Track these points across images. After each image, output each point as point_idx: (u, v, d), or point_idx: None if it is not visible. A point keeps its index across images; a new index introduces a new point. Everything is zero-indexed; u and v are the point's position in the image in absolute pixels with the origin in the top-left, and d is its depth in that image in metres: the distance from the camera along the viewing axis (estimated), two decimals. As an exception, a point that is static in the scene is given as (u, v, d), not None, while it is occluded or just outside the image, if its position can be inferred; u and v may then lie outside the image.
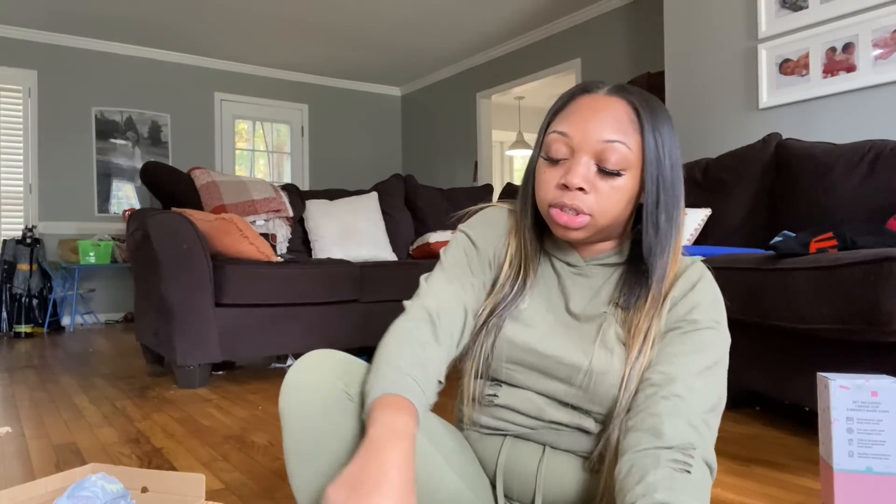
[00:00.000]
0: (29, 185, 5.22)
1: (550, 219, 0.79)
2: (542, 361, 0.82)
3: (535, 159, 0.83)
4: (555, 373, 0.82)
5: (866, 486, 0.99)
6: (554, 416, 0.83)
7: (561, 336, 0.83)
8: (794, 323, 1.55)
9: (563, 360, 0.81)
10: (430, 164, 6.72)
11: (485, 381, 0.86)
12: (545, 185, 0.80)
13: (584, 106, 0.79)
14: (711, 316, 0.80)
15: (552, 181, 0.79)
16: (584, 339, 0.82)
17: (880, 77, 2.63)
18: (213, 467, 1.52)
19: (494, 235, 0.89)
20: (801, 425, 1.83)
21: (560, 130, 0.79)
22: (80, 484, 0.99)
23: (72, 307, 5.12)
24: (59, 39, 5.30)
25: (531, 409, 0.84)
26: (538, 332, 0.83)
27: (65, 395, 2.43)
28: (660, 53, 4.34)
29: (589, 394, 0.80)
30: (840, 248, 1.58)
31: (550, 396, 0.83)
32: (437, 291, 0.83)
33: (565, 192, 0.77)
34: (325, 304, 2.84)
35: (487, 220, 0.90)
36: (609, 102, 0.79)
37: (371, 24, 5.18)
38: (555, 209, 0.78)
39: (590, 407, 0.81)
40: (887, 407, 0.99)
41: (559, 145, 0.78)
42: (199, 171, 3.30)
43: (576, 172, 0.76)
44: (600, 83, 0.82)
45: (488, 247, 0.88)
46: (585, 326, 0.83)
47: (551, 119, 0.82)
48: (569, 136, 0.78)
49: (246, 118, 6.30)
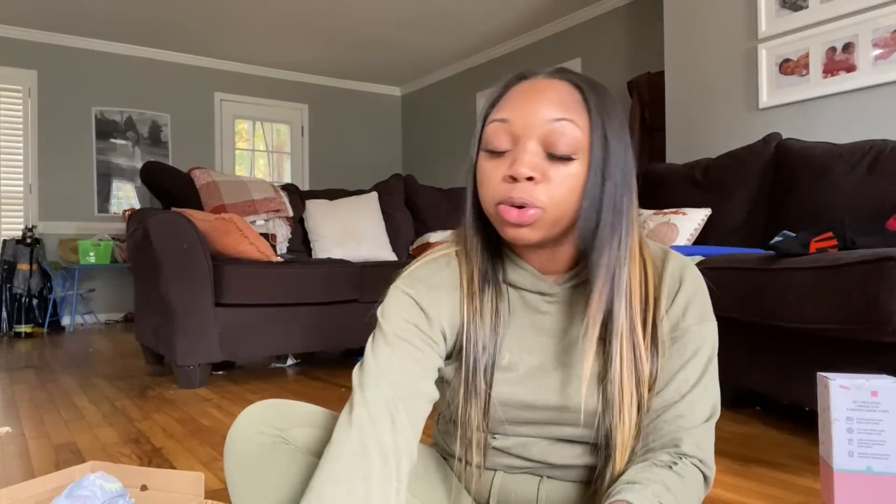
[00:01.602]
0: (29, 185, 5.22)
1: (499, 219, 0.70)
2: (544, 414, 0.77)
3: (474, 159, 0.73)
4: (560, 420, 0.77)
5: (866, 486, 0.99)
6: (559, 459, 0.79)
7: (557, 380, 0.76)
8: (794, 323, 1.55)
9: (568, 407, 0.75)
10: (430, 164, 6.72)
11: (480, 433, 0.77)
12: (489, 182, 0.70)
13: (523, 91, 0.71)
14: (701, 312, 0.76)
15: (497, 176, 0.69)
16: (553, 359, 0.77)
17: (880, 77, 2.63)
18: (213, 467, 1.52)
19: (447, 297, 0.76)
20: (801, 425, 1.82)
21: (500, 118, 0.70)
22: (79, 483, 0.99)
23: (72, 307, 5.12)
24: (59, 39, 5.30)
25: (535, 454, 0.79)
26: (531, 385, 0.76)
27: (65, 395, 2.43)
28: (660, 53, 4.34)
29: (601, 429, 0.75)
30: (840, 248, 1.58)
31: (558, 438, 0.79)
32: (392, 377, 0.70)
33: (514, 184, 0.68)
34: (325, 304, 2.84)
35: (433, 280, 0.76)
36: (550, 84, 0.71)
37: (371, 24, 5.18)
38: (503, 206, 0.68)
39: (600, 439, 0.76)
40: (887, 407, 0.99)
41: (500, 135, 0.70)
42: (199, 171, 3.30)
43: (522, 161, 0.67)
44: (537, 69, 0.75)
45: (441, 314, 0.75)
46: (577, 358, 0.76)
47: (489, 111, 0.73)
48: (510, 121, 0.69)
49: (246, 118, 6.30)
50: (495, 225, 0.72)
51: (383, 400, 0.68)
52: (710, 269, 1.80)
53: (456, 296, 0.76)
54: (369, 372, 0.71)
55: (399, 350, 0.72)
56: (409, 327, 0.73)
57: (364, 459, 0.64)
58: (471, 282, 0.76)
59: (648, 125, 4.16)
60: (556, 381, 0.76)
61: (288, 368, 3.02)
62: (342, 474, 0.63)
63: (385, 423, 0.67)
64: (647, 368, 0.73)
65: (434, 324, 0.74)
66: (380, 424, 0.67)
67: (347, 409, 0.69)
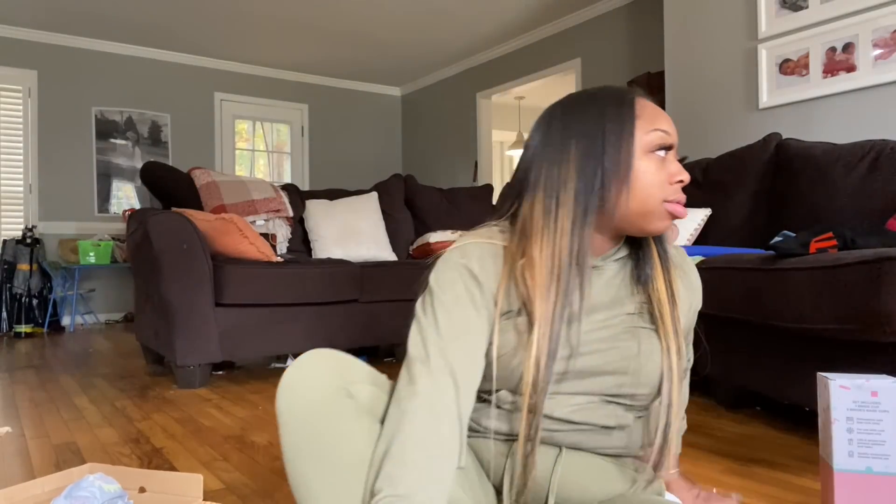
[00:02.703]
0: (29, 185, 5.22)
1: (663, 213, 0.81)
2: (591, 363, 0.82)
3: (622, 163, 0.80)
4: (604, 368, 0.82)
5: (866, 486, 0.99)
6: (590, 418, 0.83)
7: (603, 332, 0.83)
8: (794, 323, 1.54)
9: (613, 354, 0.83)
10: (430, 164, 6.72)
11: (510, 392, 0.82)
12: (656, 182, 0.80)
13: (655, 109, 0.83)
14: (700, 305, 0.95)
15: (661, 178, 0.80)
16: (620, 328, 0.84)
17: (880, 77, 2.63)
18: (213, 467, 1.52)
19: (494, 269, 0.81)
20: (801, 425, 1.82)
21: (663, 129, 0.81)
22: (78, 484, 0.99)
23: (72, 307, 5.12)
24: (59, 39, 5.30)
25: (567, 413, 0.82)
26: (601, 353, 0.83)
27: (65, 395, 2.43)
28: (660, 53, 4.34)
29: (640, 376, 0.83)
30: (840, 248, 1.57)
31: (596, 394, 0.83)
32: (452, 345, 0.76)
33: (678, 186, 0.81)
34: (325, 304, 2.84)
35: (483, 252, 0.82)
36: None
37: (371, 24, 5.18)
38: (671, 204, 0.80)
39: (636, 391, 0.83)
40: (887, 407, 0.99)
41: (661, 143, 0.81)
42: (199, 171, 3.30)
43: (683, 169, 0.81)
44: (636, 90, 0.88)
45: (491, 283, 0.81)
46: (616, 316, 0.85)
47: (629, 116, 0.81)
48: (668, 133, 0.81)
49: (246, 118, 6.30)
50: (646, 218, 0.81)
51: (448, 369, 0.74)
52: (710, 269, 1.80)
53: (502, 267, 0.82)
54: (430, 341, 0.76)
55: (456, 318, 0.77)
56: (465, 295, 0.78)
57: (436, 429, 0.71)
58: (559, 259, 0.80)
59: (648, 125, 4.16)
60: (604, 332, 0.83)
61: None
62: (418, 444, 0.70)
63: (451, 392, 0.73)
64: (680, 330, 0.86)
65: (486, 292, 0.80)
66: (447, 394, 0.73)
67: (410, 379, 0.74)
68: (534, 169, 0.83)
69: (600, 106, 0.82)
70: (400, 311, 3.06)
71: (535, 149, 0.84)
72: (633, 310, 0.85)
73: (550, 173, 0.81)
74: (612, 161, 0.79)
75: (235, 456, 1.61)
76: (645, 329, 0.84)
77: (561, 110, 0.84)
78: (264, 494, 1.33)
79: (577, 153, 0.80)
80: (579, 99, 0.84)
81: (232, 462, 1.56)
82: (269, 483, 1.40)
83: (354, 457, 0.73)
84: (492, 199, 4.13)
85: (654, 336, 0.84)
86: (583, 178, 0.80)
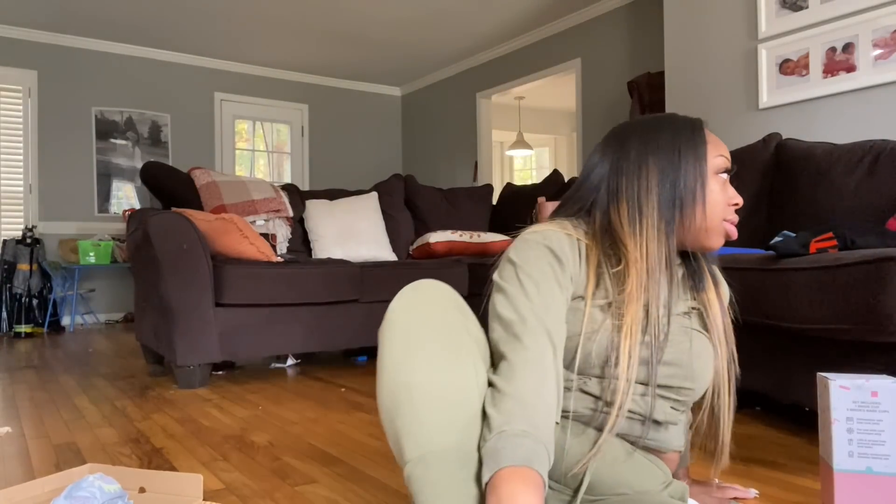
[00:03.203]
0: (29, 185, 5.22)
1: (720, 231, 0.92)
2: (670, 370, 0.91)
3: (698, 180, 0.90)
4: (678, 378, 0.91)
5: (866, 486, 0.99)
6: (643, 408, 0.88)
7: (688, 343, 0.93)
8: (794, 323, 1.54)
9: (668, 346, 0.90)
10: (430, 164, 6.72)
11: (571, 372, 0.88)
12: (719, 203, 0.92)
13: (715, 137, 0.95)
14: None
15: (723, 199, 0.92)
16: (674, 325, 0.92)
17: (880, 77, 2.63)
18: (213, 467, 1.52)
19: (573, 258, 0.89)
20: (801, 425, 1.82)
21: (725, 155, 0.93)
22: (78, 484, 0.99)
23: (72, 307, 5.12)
24: (59, 39, 5.30)
25: (610, 392, 0.88)
26: (672, 347, 0.92)
27: (65, 395, 2.43)
28: (660, 53, 4.34)
29: (690, 370, 0.91)
30: (840, 248, 1.57)
31: (650, 384, 0.88)
32: (544, 311, 0.82)
33: (733, 208, 0.93)
34: (325, 304, 2.84)
35: (562, 241, 0.89)
36: None
37: (371, 24, 5.18)
38: (727, 223, 0.92)
39: (684, 384, 0.91)
40: (887, 407, 0.99)
41: (724, 167, 0.93)
42: (199, 171, 3.30)
43: (736, 192, 0.93)
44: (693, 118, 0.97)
45: (569, 263, 0.88)
46: (671, 314, 0.92)
47: (701, 142, 0.92)
48: (728, 159, 0.93)
49: (246, 118, 6.30)
50: (709, 235, 0.92)
51: (545, 332, 0.81)
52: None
53: (578, 255, 0.90)
54: (523, 306, 0.82)
55: (544, 289, 0.84)
56: (549, 270, 0.86)
57: (543, 382, 0.78)
58: (650, 261, 0.89)
59: (648, 125, 4.15)
60: (677, 343, 0.91)
61: (288, 368, 3.02)
62: (531, 393, 0.76)
63: (550, 352, 0.80)
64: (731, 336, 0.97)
65: (566, 272, 0.87)
66: (548, 353, 0.80)
67: (513, 337, 0.80)
68: (609, 180, 0.93)
69: (674, 129, 0.92)
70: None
71: (609, 162, 0.94)
72: (683, 311, 0.95)
73: (630, 185, 0.90)
74: (689, 178, 0.90)
75: (235, 456, 1.61)
76: (695, 331, 0.94)
77: (635, 129, 0.94)
78: (264, 494, 1.33)
79: (656, 169, 0.90)
80: (652, 121, 0.95)
81: (232, 462, 1.56)
82: (269, 483, 1.40)
83: (470, 394, 0.76)
84: (492, 199, 4.13)
85: (705, 339, 0.94)
86: (662, 192, 0.89)
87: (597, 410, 0.87)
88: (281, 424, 1.93)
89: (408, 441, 0.75)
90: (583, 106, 5.01)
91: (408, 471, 0.75)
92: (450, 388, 0.75)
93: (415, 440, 0.75)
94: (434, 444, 0.74)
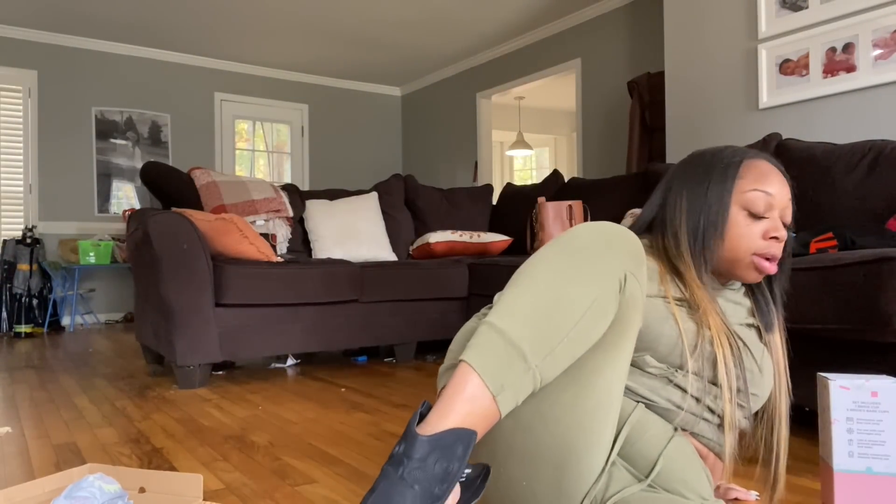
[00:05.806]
0: (29, 185, 5.23)
1: (749, 265, 0.94)
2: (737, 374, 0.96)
3: (719, 214, 0.94)
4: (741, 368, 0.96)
5: (866, 486, 0.99)
6: (715, 408, 0.93)
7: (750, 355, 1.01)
8: (794, 323, 1.54)
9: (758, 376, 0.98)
10: (430, 164, 6.72)
11: None
12: (747, 236, 0.94)
13: (768, 170, 0.96)
14: None
15: (754, 233, 0.94)
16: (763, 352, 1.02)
17: (880, 77, 2.63)
18: (213, 467, 1.52)
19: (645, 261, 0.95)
20: (801, 425, 1.82)
21: (766, 190, 0.94)
22: (78, 484, 0.99)
23: (72, 307, 5.12)
24: (59, 39, 5.30)
25: (699, 392, 0.92)
26: None
27: (65, 395, 2.43)
28: (660, 53, 4.34)
29: (758, 378, 0.98)
30: (840, 248, 1.57)
31: (723, 386, 0.92)
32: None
33: (772, 242, 0.93)
34: (325, 304, 2.84)
35: None
36: (778, 170, 0.97)
37: (371, 24, 5.18)
38: (758, 257, 0.94)
39: (751, 388, 0.97)
40: (887, 407, 0.99)
41: (762, 203, 0.93)
42: (199, 171, 3.30)
43: (780, 227, 0.94)
44: (751, 150, 1.00)
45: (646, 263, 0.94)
46: (752, 341, 1.01)
47: (736, 174, 0.96)
48: (774, 196, 0.94)
49: (246, 118, 6.30)
50: (738, 267, 0.96)
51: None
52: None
53: None
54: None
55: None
56: None
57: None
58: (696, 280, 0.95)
59: (648, 125, 4.16)
60: (759, 350, 1.00)
61: (288, 368, 3.02)
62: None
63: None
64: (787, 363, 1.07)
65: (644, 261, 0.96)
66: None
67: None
68: (667, 205, 1.00)
69: (714, 161, 0.98)
70: (400, 311, 3.06)
71: (671, 189, 1.01)
72: (747, 323, 1.02)
73: (673, 213, 0.98)
74: (711, 211, 0.95)
75: (235, 456, 1.61)
76: (763, 349, 1.01)
77: (689, 159, 1.01)
78: (264, 494, 1.33)
79: (688, 202, 0.96)
80: (705, 152, 1.01)
81: (232, 462, 1.56)
82: (269, 483, 1.40)
83: (577, 304, 0.78)
84: (492, 199, 4.13)
85: (769, 357, 1.02)
86: (689, 222, 0.96)
87: (681, 408, 0.92)
88: (281, 424, 1.93)
89: (501, 307, 0.77)
90: (583, 106, 5.01)
91: (483, 327, 0.76)
92: (562, 303, 0.76)
93: (508, 311, 0.76)
94: (513, 330, 0.74)
